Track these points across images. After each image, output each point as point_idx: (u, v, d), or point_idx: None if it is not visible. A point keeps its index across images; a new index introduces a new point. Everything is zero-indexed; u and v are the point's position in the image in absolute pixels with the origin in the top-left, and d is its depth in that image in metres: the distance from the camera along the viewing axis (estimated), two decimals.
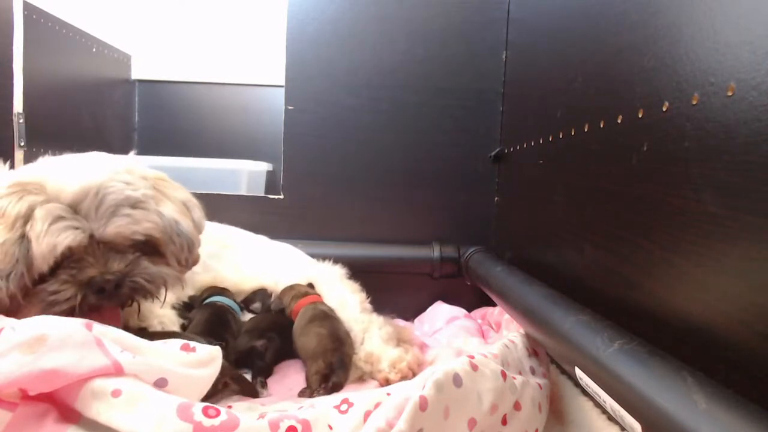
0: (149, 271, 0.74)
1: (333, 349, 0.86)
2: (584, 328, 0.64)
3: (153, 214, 0.77)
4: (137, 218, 0.73)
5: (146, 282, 0.73)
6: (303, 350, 0.90)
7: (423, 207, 1.38)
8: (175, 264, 0.81)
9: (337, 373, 0.84)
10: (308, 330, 0.91)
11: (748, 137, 0.45)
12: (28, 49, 1.40)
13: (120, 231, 0.71)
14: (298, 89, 1.34)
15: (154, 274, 0.74)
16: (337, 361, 0.84)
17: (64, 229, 0.67)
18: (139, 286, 0.72)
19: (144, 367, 0.55)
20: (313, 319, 0.92)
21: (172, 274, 0.78)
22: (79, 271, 0.68)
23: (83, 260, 0.69)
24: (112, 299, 0.70)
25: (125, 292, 0.71)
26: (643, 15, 0.64)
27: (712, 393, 0.43)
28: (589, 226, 0.77)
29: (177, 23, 2.17)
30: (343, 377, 0.84)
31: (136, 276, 0.72)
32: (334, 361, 0.84)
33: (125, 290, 0.71)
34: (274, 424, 0.53)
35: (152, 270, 0.74)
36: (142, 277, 0.72)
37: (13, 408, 0.50)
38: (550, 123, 0.93)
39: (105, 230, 0.70)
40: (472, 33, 1.33)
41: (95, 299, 0.68)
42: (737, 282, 0.46)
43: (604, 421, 0.70)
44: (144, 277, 0.72)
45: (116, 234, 0.71)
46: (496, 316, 1.17)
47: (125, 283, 0.70)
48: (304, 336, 0.90)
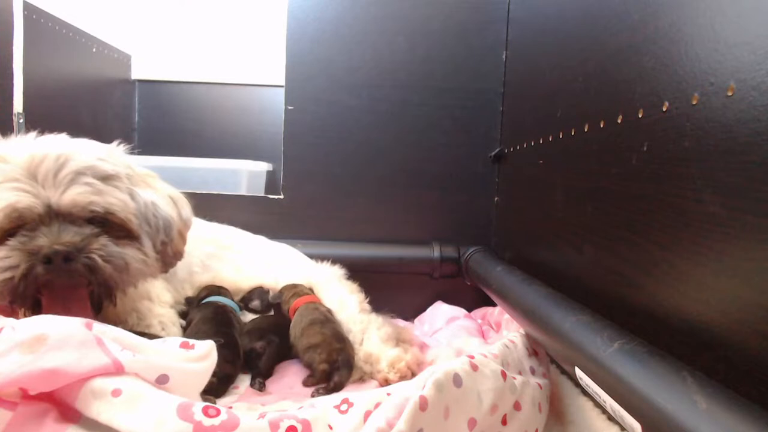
0: (108, 249, 0.68)
1: (339, 348, 0.86)
2: (584, 328, 0.64)
3: (123, 191, 0.72)
4: (100, 189, 0.69)
5: (102, 261, 0.67)
6: (306, 346, 0.89)
7: (423, 207, 1.38)
8: (151, 251, 0.76)
9: (341, 371, 0.84)
10: (310, 330, 0.91)
11: (748, 137, 0.45)
12: (28, 49, 1.40)
13: (76, 200, 0.66)
14: (298, 89, 1.34)
15: (112, 252, 0.68)
16: (342, 360, 0.85)
17: (13, 190, 0.64)
18: (94, 264, 0.66)
19: (145, 365, 0.55)
20: (314, 322, 0.92)
21: (138, 258, 0.73)
22: (30, 239, 0.64)
23: (37, 230, 0.65)
24: (63, 274, 0.65)
25: (78, 269, 0.65)
26: (643, 15, 0.64)
27: (712, 393, 0.43)
28: (589, 226, 0.77)
29: (177, 23, 2.17)
30: (346, 376, 0.85)
31: (91, 252, 0.66)
32: (339, 359, 0.84)
33: (78, 266, 0.65)
34: (274, 424, 0.53)
35: (111, 248, 0.68)
36: (98, 254, 0.67)
37: (13, 407, 0.50)
38: (550, 123, 0.93)
39: (61, 198, 0.66)
40: (472, 33, 1.33)
41: (43, 271, 0.64)
42: (737, 282, 0.46)
43: (604, 421, 0.70)
44: (100, 255, 0.67)
45: (72, 203, 0.66)
46: (496, 316, 1.16)
47: (78, 259, 0.65)
48: (306, 336, 0.90)
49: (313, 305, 0.99)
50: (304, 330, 0.92)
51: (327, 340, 0.87)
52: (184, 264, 1.07)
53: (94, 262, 0.66)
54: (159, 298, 0.91)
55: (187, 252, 1.08)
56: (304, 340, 0.90)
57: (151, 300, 0.89)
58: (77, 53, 1.73)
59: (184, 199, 0.88)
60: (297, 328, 0.94)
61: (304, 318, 0.94)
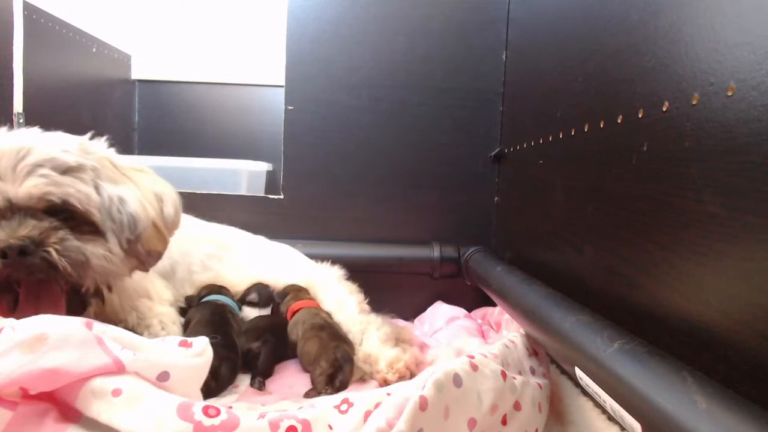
0: (65, 244, 0.67)
1: (335, 346, 0.86)
2: (584, 328, 0.64)
3: (86, 183, 0.71)
4: (57, 181, 0.68)
5: (58, 255, 0.65)
6: (305, 356, 0.89)
7: (423, 207, 1.38)
8: (116, 247, 0.74)
9: (344, 368, 0.84)
10: (308, 336, 0.91)
11: (748, 137, 0.45)
12: (28, 49, 1.40)
13: (31, 192, 0.66)
14: (298, 89, 1.34)
15: (70, 247, 0.67)
16: (342, 356, 0.84)
17: None
18: (51, 259, 0.65)
19: (145, 364, 0.55)
20: (312, 327, 0.92)
21: (99, 253, 0.71)
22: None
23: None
24: (21, 269, 0.64)
25: (36, 264, 0.64)
26: (643, 15, 0.64)
27: (712, 393, 0.43)
28: (589, 226, 0.77)
29: (177, 23, 2.17)
30: (349, 372, 0.84)
31: (48, 246, 0.65)
32: (338, 357, 0.84)
33: (36, 261, 0.64)
34: (274, 424, 0.53)
35: (70, 243, 0.67)
36: (54, 248, 0.65)
37: (13, 407, 0.50)
38: (550, 123, 0.93)
39: (18, 190, 0.65)
40: (472, 33, 1.33)
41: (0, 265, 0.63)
42: (737, 282, 0.46)
43: (604, 421, 0.70)
44: (56, 249, 0.65)
45: (27, 195, 0.66)
46: (496, 316, 1.16)
47: (36, 253, 0.64)
48: (304, 343, 0.91)
49: (314, 310, 0.99)
50: (305, 333, 0.92)
51: (323, 343, 0.87)
52: (184, 264, 1.07)
53: (51, 257, 0.65)
54: (159, 297, 0.91)
55: (187, 252, 1.09)
56: (303, 345, 0.90)
57: (151, 298, 0.89)
58: (77, 53, 1.73)
59: (173, 197, 0.84)
60: (298, 329, 0.94)
61: (306, 321, 0.94)
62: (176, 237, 1.06)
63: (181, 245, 1.07)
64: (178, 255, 1.06)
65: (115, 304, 0.84)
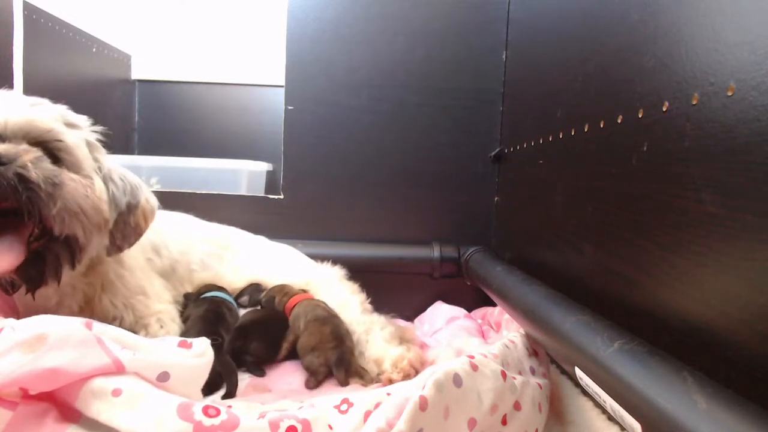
0: (43, 164, 0.65)
1: (333, 346, 0.86)
2: (584, 328, 0.64)
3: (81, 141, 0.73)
4: (55, 117, 0.71)
5: (35, 172, 0.63)
6: (304, 347, 0.90)
7: (423, 207, 1.38)
8: (103, 192, 0.73)
9: (338, 371, 0.84)
10: (309, 327, 0.91)
11: (748, 137, 0.45)
12: (28, 49, 1.40)
13: (27, 115, 0.68)
14: (298, 89, 1.34)
15: (46, 168, 0.65)
16: (337, 359, 0.85)
17: None
18: (26, 173, 0.62)
19: (145, 364, 0.55)
20: (316, 319, 0.92)
21: (78, 182, 0.69)
22: None
23: None
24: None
25: (8, 177, 0.61)
26: (643, 15, 0.64)
27: (712, 393, 0.43)
28: (589, 226, 0.77)
29: (177, 23, 2.17)
30: (342, 375, 0.85)
31: (25, 163, 0.63)
32: (333, 359, 0.85)
33: (8, 175, 0.61)
34: (274, 424, 0.53)
35: (47, 165, 0.66)
36: (31, 163, 0.63)
37: (13, 407, 0.50)
38: (550, 123, 0.93)
39: (9, 117, 0.67)
40: (472, 33, 1.33)
41: None
42: (737, 282, 0.46)
43: (604, 421, 0.70)
44: (33, 165, 0.64)
45: (22, 119, 0.67)
46: (496, 316, 1.17)
47: (10, 168, 0.62)
48: (307, 334, 0.91)
49: (315, 302, 0.99)
50: (307, 326, 0.92)
51: (324, 338, 0.88)
52: (184, 262, 1.07)
53: (27, 171, 0.63)
54: (157, 295, 0.91)
55: (186, 251, 1.09)
56: (305, 337, 0.90)
57: (147, 296, 0.88)
58: (77, 53, 1.73)
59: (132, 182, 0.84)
60: (300, 323, 0.94)
61: (309, 314, 0.94)
62: (176, 236, 1.07)
63: (181, 244, 1.07)
64: (177, 254, 1.06)
65: (107, 302, 0.83)
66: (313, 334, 0.90)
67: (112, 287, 0.84)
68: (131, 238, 0.81)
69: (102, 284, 0.83)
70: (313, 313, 0.94)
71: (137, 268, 0.90)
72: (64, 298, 0.79)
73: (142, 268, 0.91)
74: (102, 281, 0.83)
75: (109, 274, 0.84)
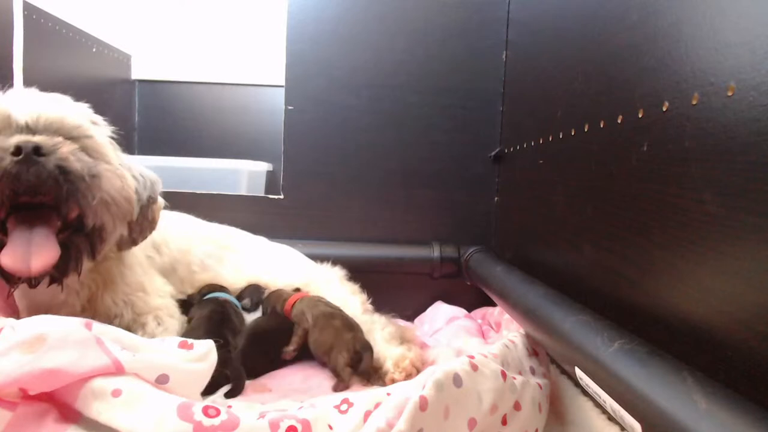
0: (80, 155, 0.66)
1: (352, 337, 0.87)
2: (584, 328, 0.64)
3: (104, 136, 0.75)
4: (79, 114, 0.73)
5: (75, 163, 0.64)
6: (320, 346, 0.89)
7: (423, 207, 1.38)
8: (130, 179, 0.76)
9: (365, 356, 0.84)
10: (322, 325, 0.91)
11: (748, 137, 0.45)
12: (28, 49, 1.40)
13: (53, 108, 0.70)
14: (298, 89, 1.34)
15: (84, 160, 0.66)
16: (362, 346, 0.85)
17: None
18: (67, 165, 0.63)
19: (145, 365, 0.55)
20: (323, 315, 0.92)
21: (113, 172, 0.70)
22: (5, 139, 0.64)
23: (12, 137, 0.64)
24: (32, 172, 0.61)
25: (49, 168, 0.62)
26: (643, 15, 0.64)
27: (712, 393, 0.43)
28: (589, 226, 0.77)
29: (177, 23, 2.17)
30: (369, 359, 0.85)
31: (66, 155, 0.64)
32: (358, 348, 0.85)
33: (49, 165, 0.62)
34: (274, 424, 0.53)
35: (84, 156, 0.67)
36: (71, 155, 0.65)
37: (13, 408, 0.50)
38: (550, 123, 0.93)
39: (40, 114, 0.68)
40: (472, 33, 1.33)
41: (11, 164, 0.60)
42: (737, 282, 0.46)
43: (604, 421, 0.70)
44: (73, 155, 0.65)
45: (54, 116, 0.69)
46: (496, 316, 1.17)
47: (50, 159, 0.62)
48: (319, 333, 0.90)
49: (315, 297, 0.99)
50: (317, 321, 0.91)
51: (340, 334, 0.87)
52: (184, 262, 1.07)
53: (68, 163, 0.64)
54: (157, 291, 0.90)
55: (187, 250, 1.09)
56: (318, 335, 0.90)
57: (146, 292, 0.88)
58: (77, 53, 1.73)
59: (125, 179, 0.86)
60: (306, 317, 0.93)
61: (315, 308, 0.94)
62: (177, 235, 1.07)
63: (181, 244, 1.07)
64: (178, 252, 1.06)
65: (108, 299, 0.83)
66: (325, 329, 0.89)
67: (114, 285, 0.84)
68: (146, 232, 0.84)
69: (104, 281, 0.83)
70: (317, 309, 0.94)
71: (137, 264, 0.90)
72: (70, 295, 0.79)
73: (141, 265, 0.91)
74: (105, 278, 0.83)
75: (112, 270, 0.84)
